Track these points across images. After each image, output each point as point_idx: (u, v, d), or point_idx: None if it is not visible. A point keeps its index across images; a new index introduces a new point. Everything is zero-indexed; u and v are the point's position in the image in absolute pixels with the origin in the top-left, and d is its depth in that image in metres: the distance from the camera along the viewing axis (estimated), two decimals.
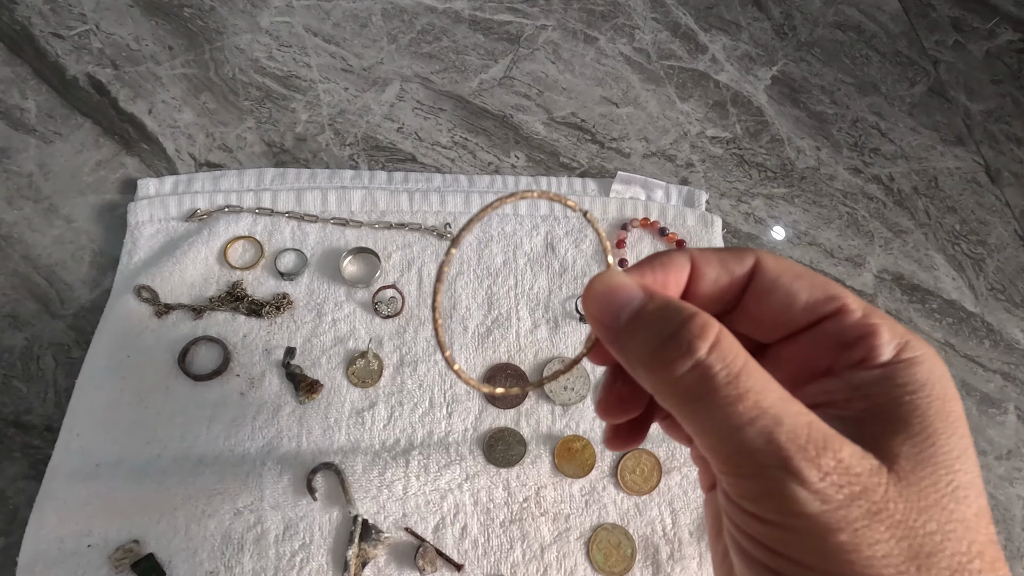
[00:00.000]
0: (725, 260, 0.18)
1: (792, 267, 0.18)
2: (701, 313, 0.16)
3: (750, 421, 0.15)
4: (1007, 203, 0.57)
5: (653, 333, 0.16)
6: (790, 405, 0.15)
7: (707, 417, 0.15)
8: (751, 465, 0.15)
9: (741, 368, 0.15)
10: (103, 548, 0.38)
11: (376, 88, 0.57)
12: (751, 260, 0.18)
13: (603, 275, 0.17)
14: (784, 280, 0.18)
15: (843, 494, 0.14)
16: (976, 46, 0.65)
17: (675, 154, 0.56)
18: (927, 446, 0.15)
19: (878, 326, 0.17)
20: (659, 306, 0.16)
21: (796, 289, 0.18)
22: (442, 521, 0.40)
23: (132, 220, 0.48)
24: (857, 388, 0.16)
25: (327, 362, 0.44)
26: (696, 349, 0.15)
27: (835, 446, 0.15)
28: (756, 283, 0.18)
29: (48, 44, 0.55)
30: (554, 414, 0.44)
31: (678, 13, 0.64)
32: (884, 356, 0.16)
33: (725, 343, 0.15)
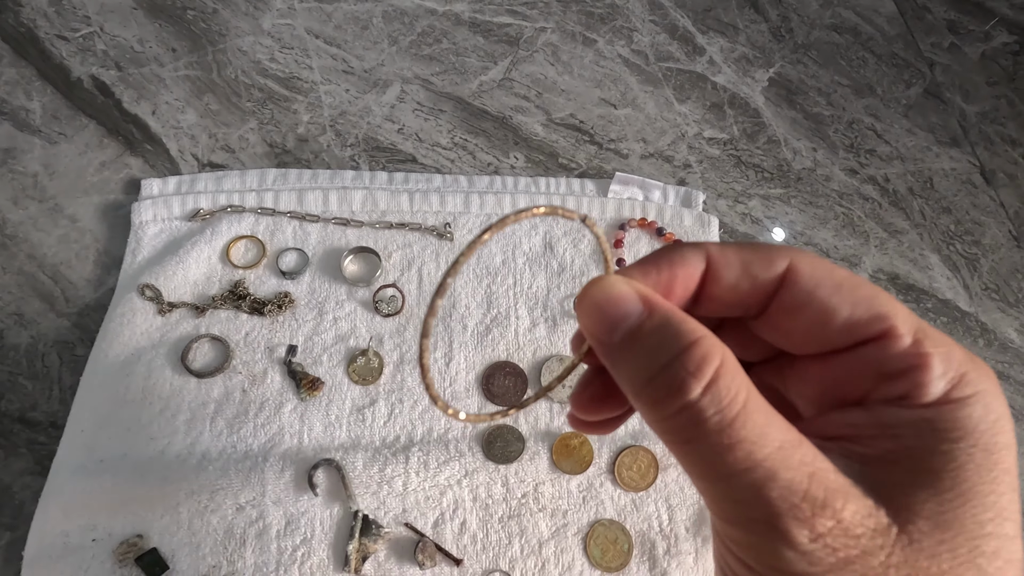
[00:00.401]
0: (749, 263, 0.16)
1: (833, 274, 0.15)
2: (703, 341, 0.14)
3: (740, 473, 0.13)
4: (1001, 204, 0.58)
5: (646, 360, 0.14)
6: (791, 455, 0.13)
7: (696, 461, 0.14)
8: (738, 516, 0.14)
9: (737, 413, 0.13)
10: (107, 542, 0.38)
11: (377, 90, 0.57)
12: (782, 264, 0.15)
13: (600, 282, 0.15)
14: (822, 292, 0.15)
15: (836, 557, 0.13)
16: (972, 48, 0.66)
17: (673, 155, 0.57)
18: (955, 505, 0.13)
19: (929, 357, 0.14)
20: (657, 326, 0.14)
21: (835, 304, 0.15)
22: (441, 517, 0.41)
23: (136, 220, 0.48)
24: (888, 427, 0.14)
25: (328, 360, 0.45)
26: (688, 390, 0.13)
27: (837, 504, 0.13)
28: (787, 292, 0.16)
29: (53, 46, 0.56)
30: (552, 411, 0.44)
31: (676, 15, 0.64)
32: (930, 395, 0.14)
33: (724, 380, 0.13)
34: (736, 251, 0.16)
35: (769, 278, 0.16)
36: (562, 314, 0.48)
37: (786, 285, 0.16)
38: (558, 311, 0.48)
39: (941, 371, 0.14)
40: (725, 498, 0.14)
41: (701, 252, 0.16)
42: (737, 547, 0.14)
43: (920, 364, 0.14)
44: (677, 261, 0.16)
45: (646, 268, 0.16)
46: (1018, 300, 0.54)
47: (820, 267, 0.15)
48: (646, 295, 0.15)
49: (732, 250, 0.16)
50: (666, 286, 0.16)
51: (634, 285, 0.15)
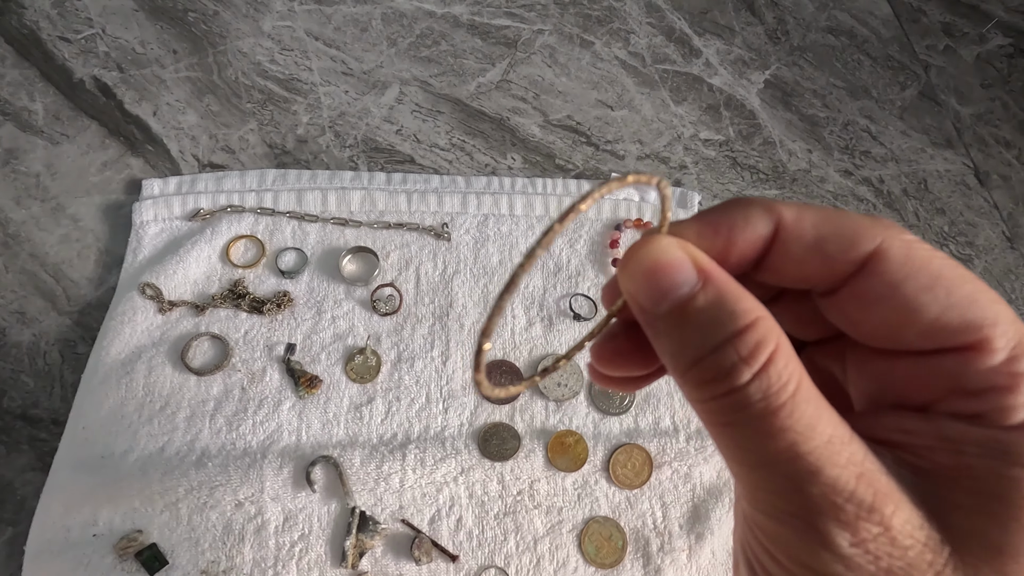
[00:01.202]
0: (825, 240, 0.13)
1: (929, 266, 0.13)
2: (759, 323, 0.13)
3: (782, 463, 0.12)
4: (995, 205, 0.58)
5: (694, 339, 0.13)
6: (840, 452, 0.12)
7: (734, 445, 0.13)
8: (773, 508, 0.13)
9: (785, 401, 0.12)
10: (108, 537, 0.39)
11: (376, 91, 0.58)
12: (868, 247, 0.13)
13: (652, 243, 0.14)
14: (910, 287, 0.13)
15: (877, 566, 0.12)
16: (966, 51, 0.66)
17: (669, 156, 0.58)
18: (1021, 537, 0.12)
19: (1022, 380, 0.12)
20: (711, 302, 0.13)
21: (924, 302, 0.13)
22: (438, 513, 0.41)
23: (137, 219, 0.49)
24: (950, 441, 0.13)
25: (326, 358, 0.45)
26: (739, 375, 0.12)
27: (886, 510, 0.12)
28: (867, 279, 0.13)
29: (55, 47, 0.57)
30: (548, 409, 0.45)
31: (673, 18, 0.65)
32: (1013, 420, 0.12)
33: (776, 366, 0.12)
34: (814, 221, 0.14)
35: (847, 263, 0.13)
36: (558, 314, 0.48)
37: (868, 270, 0.13)
38: (554, 311, 0.48)
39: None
40: (762, 487, 0.13)
41: (771, 215, 0.14)
42: (768, 540, 0.13)
43: (1008, 385, 0.12)
44: (740, 222, 0.14)
45: (703, 228, 0.14)
46: (1011, 301, 0.54)
47: (916, 255, 0.13)
48: (702, 264, 0.13)
49: (809, 218, 0.14)
50: (723, 250, 0.14)
51: (688, 250, 0.13)
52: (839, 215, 0.14)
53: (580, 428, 0.44)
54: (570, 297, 0.49)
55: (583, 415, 0.45)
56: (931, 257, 0.13)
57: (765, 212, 0.14)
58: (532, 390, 0.46)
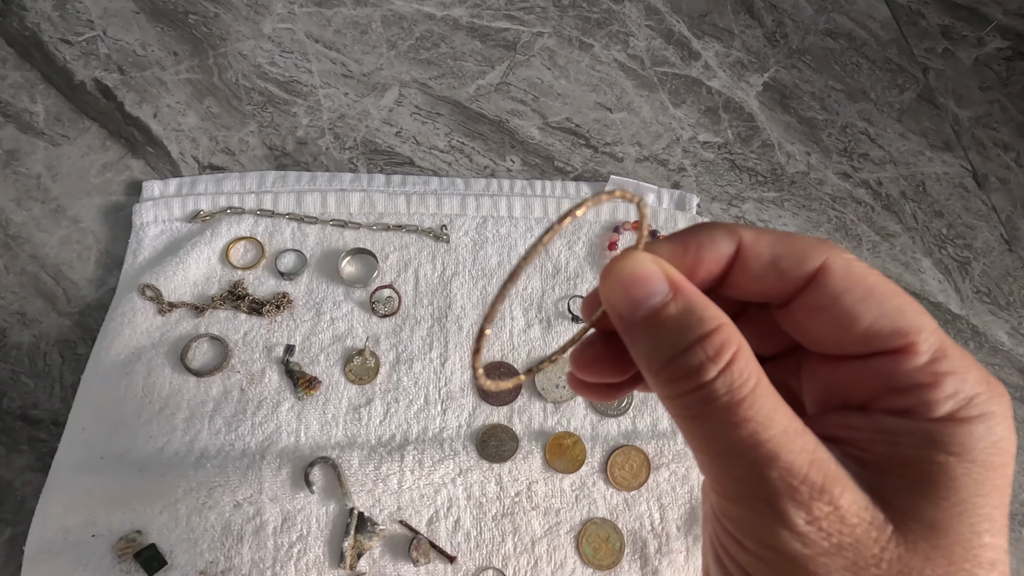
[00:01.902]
0: (779, 258, 0.15)
1: (865, 281, 0.15)
2: (723, 328, 0.14)
3: (744, 450, 0.14)
4: (993, 208, 0.58)
5: (666, 342, 0.14)
6: (794, 440, 0.14)
7: (701, 436, 0.14)
8: (737, 493, 0.14)
9: (747, 395, 0.14)
10: (107, 538, 0.39)
11: (375, 93, 0.58)
12: (815, 263, 0.15)
13: (628, 257, 0.15)
14: (848, 298, 0.15)
15: (829, 542, 0.13)
16: (965, 54, 0.66)
17: (667, 158, 0.58)
18: (951, 514, 0.13)
19: (942, 377, 0.14)
20: (680, 310, 0.15)
21: (859, 311, 0.15)
22: (436, 514, 0.41)
23: (137, 221, 0.49)
24: (887, 433, 0.14)
25: (325, 359, 0.45)
26: (704, 372, 0.14)
27: (835, 491, 0.13)
28: (813, 291, 0.15)
29: (57, 50, 0.57)
30: (546, 411, 0.45)
31: (672, 21, 0.65)
32: (935, 414, 0.14)
33: (739, 364, 0.14)
34: (769, 242, 0.16)
35: (797, 276, 0.15)
36: (556, 315, 0.48)
37: (814, 284, 0.15)
38: (552, 312, 0.48)
39: (951, 391, 0.14)
40: (727, 474, 0.14)
41: (733, 237, 0.16)
42: (733, 525, 0.15)
43: (930, 383, 0.14)
44: (706, 243, 0.16)
45: (675, 246, 0.16)
46: (1009, 303, 0.54)
47: (854, 271, 0.15)
48: (672, 276, 0.15)
49: (766, 240, 0.16)
50: (691, 267, 0.16)
51: (661, 264, 0.15)
52: (791, 237, 0.16)
53: (578, 430, 0.44)
54: (568, 299, 0.49)
55: (581, 417, 0.45)
56: (867, 273, 0.15)
57: (727, 234, 0.16)
58: (530, 392, 0.46)
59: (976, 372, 0.14)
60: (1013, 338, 0.53)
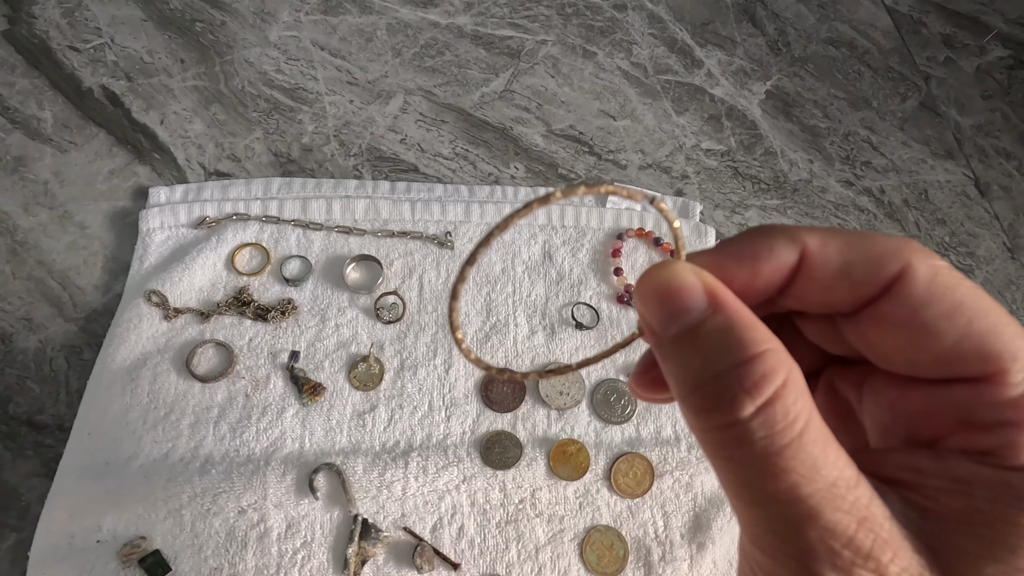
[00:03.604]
0: (851, 265, 0.13)
1: (953, 293, 0.13)
2: (768, 355, 0.12)
3: (780, 504, 0.12)
4: (996, 216, 0.59)
5: (699, 364, 0.13)
6: (844, 496, 0.12)
7: (732, 479, 0.13)
8: (771, 547, 0.12)
9: (790, 441, 0.12)
10: (112, 544, 0.39)
11: (380, 100, 0.59)
12: (893, 270, 0.13)
13: (666, 266, 0.14)
14: (931, 311, 0.13)
15: None
16: (967, 62, 0.67)
17: (671, 166, 0.58)
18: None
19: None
20: (719, 328, 0.13)
21: (943, 328, 0.13)
22: (440, 521, 0.41)
23: (143, 227, 0.49)
24: (958, 481, 0.12)
25: (330, 366, 0.46)
26: (740, 407, 0.12)
27: (884, 557, 0.12)
28: (888, 302, 0.13)
29: (65, 57, 0.57)
30: (550, 418, 0.45)
31: (675, 29, 0.65)
32: (1022, 459, 0.12)
33: (783, 403, 0.12)
34: (839, 247, 0.13)
35: (872, 286, 0.13)
36: (560, 322, 0.48)
37: (891, 292, 0.13)
38: (556, 319, 0.49)
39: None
40: (760, 525, 0.13)
41: (795, 244, 0.14)
42: (763, 573, 0.13)
43: (1020, 422, 0.12)
44: (764, 253, 0.14)
45: (723, 258, 0.14)
46: (1013, 312, 0.54)
47: (941, 280, 0.13)
48: (714, 290, 0.13)
49: (835, 245, 0.13)
50: (746, 281, 0.14)
51: (703, 276, 0.13)
52: (865, 239, 0.13)
53: (582, 437, 0.45)
54: (572, 306, 0.49)
55: (585, 424, 0.45)
56: (957, 284, 0.13)
57: (789, 241, 0.14)
58: (534, 399, 0.46)
59: None
60: None
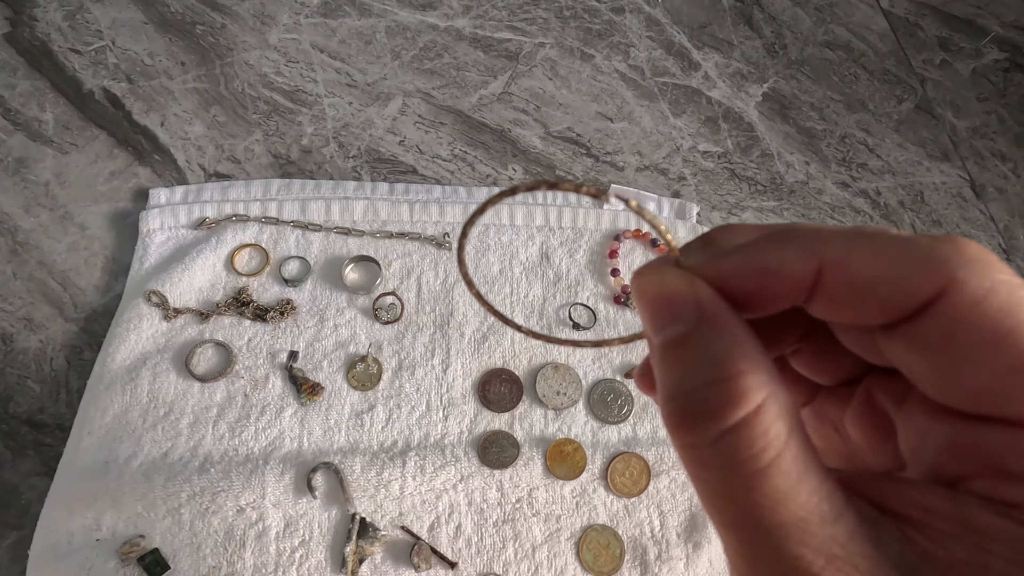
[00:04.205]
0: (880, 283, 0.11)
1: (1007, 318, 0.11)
2: (744, 377, 0.11)
3: (743, 531, 0.12)
4: (991, 217, 0.59)
5: (681, 375, 0.12)
6: (814, 533, 0.11)
7: (702, 496, 0.12)
8: (736, 567, 0.12)
9: (755, 472, 0.11)
10: (111, 542, 0.39)
11: (379, 103, 0.59)
12: (930, 289, 0.11)
13: (658, 271, 0.13)
14: (972, 337, 0.11)
15: None
16: (962, 65, 0.67)
17: (668, 168, 0.58)
18: None
19: None
20: (699, 344, 0.12)
21: (983, 357, 0.11)
22: (437, 520, 0.42)
23: (143, 228, 0.50)
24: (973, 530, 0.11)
25: (328, 366, 0.46)
26: (703, 430, 0.12)
27: None
28: (924, 323, 0.11)
29: (66, 59, 0.58)
30: (547, 418, 0.45)
31: (672, 32, 0.66)
32: None
33: (753, 429, 0.11)
34: (867, 260, 0.11)
35: (907, 305, 0.11)
36: (558, 323, 0.49)
37: (929, 311, 0.11)
38: (554, 320, 0.49)
39: None
40: (727, 543, 0.12)
41: (811, 258, 0.12)
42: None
43: None
44: (771, 270, 0.12)
45: (729, 268, 0.13)
46: None
47: (996, 300, 0.11)
48: (703, 302, 0.12)
49: (860, 258, 0.11)
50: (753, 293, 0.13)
51: (695, 286, 0.13)
52: (902, 246, 0.11)
53: (579, 436, 0.45)
54: (569, 307, 0.49)
55: (582, 423, 0.45)
56: (1016, 307, 0.11)
57: (804, 254, 0.12)
58: (531, 398, 0.46)
59: None
60: None
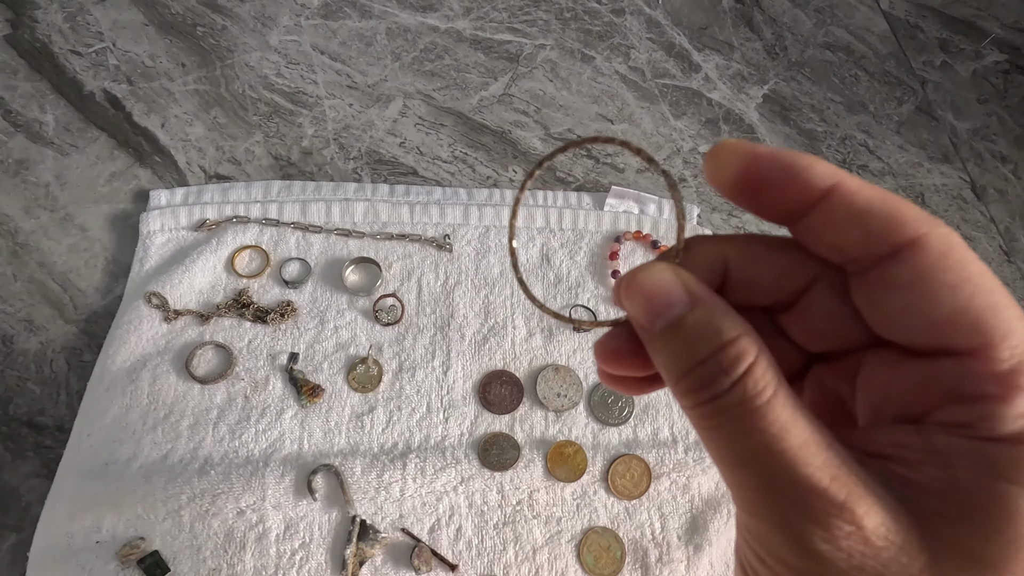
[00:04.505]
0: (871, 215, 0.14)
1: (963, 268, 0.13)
2: (740, 339, 0.14)
3: (757, 461, 0.13)
4: (992, 219, 0.59)
5: (684, 353, 0.14)
6: (815, 454, 0.13)
7: (717, 446, 0.14)
8: (754, 505, 0.14)
9: (760, 405, 0.13)
10: (111, 544, 0.39)
11: (380, 104, 0.59)
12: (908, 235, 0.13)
13: (648, 268, 0.15)
14: (935, 282, 0.13)
15: (848, 563, 0.12)
16: (963, 66, 0.67)
17: (668, 169, 0.58)
18: (1007, 551, 0.12)
19: (1016, 392, 0.13)
20: (698, 321, 0.14)
21: (943, 298, 0.13)
22: (437, 522, 0.42)
23: (144, 229, 0.50)
24: (938, 453, 0.13)
25: (329, 367, 0.46)
26: (720, 383, 0.14)
27: (859, 509, 0.12)
28: (898, 267, 0.13)
29: (67, 61, 0.58)
30: (547, 420, 0.45)
31: (673, 33, 0.66)
32: (999, 431, 0.13)
33: (754, 375, 0.14)
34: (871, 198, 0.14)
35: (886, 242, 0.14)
36: (558, 324, 0.49)
37: (902, 257, 0.13)
38: (554, 321, 0.49)
39: (1022, 409, 0.12)
40: (743, 485, 0.14)
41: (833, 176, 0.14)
42: (752, 539, 0.14)
43: (1001, 395, 0.13)
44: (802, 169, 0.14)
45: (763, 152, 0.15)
46: None
47: (955, 254, 0.13)
48: (692, 288, 0.15)
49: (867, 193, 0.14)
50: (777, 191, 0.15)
51: (680, 275, 0.15)
52: (895, 199, 0.14)
53: (579, 438, 0.45)
54: (570, 308, 0.49)
55: (582, 425, 0.45)
56: (969, 261, 0.13)
57: (828, 168, 0.14)
58: (532, 400, 0.46)
59: None
60: None
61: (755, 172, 0.15)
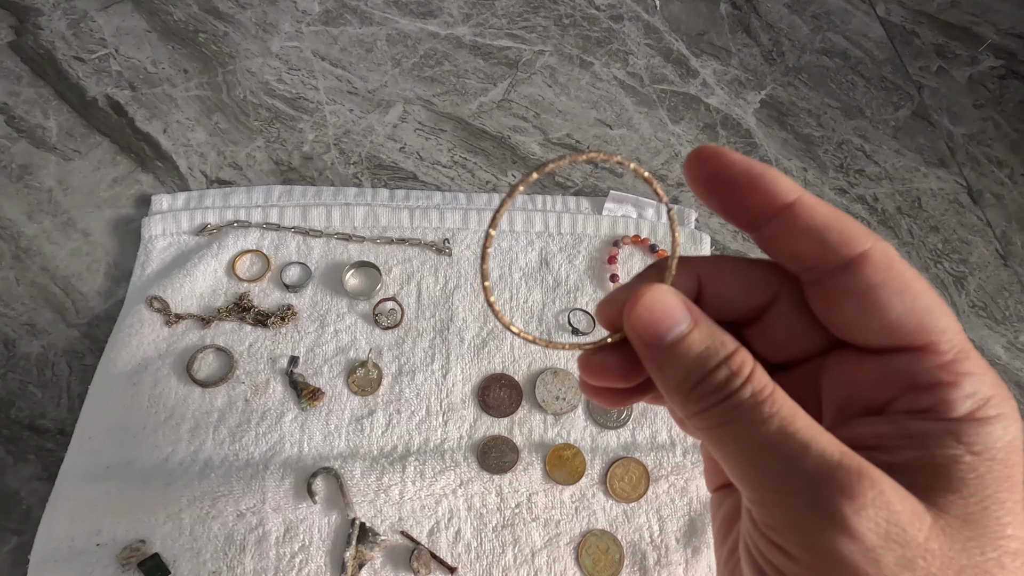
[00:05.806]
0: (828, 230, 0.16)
1: (902, 276, 0.15)
2: (740, 351, 0.16)
3: (775, 445, 0.14)
4: (988, 223, 0.59)
5: (693, 365, 0.16)
6: (822, 433, 0.14)
7: (732, 442, 0.15)
8: (776, 493, 0.14)
9: (768, 396, 0.15)
10: (111, 547, 0.39)
11: (380, 110, 0.59)
12: (858, 249, 0.15)
13: (651, 291, 0.17)
14: (882, 291, 0.15)
15: (876, 533, 0.13)
16: (959, 72, 0.68)
17: (666, 174, 0.59)
18: (979, 508, 0.14)
19: (962, 378, 0.15)
20: (704, 336, 0.16)
21: (892, 304, 0.15)
22: (436, 525, 0.42)
23: (146, 234, 0.50)
24: (911, 436, 0.15)
25: (329, 371, 0.46)
26: (731, 383, 0.15)
27: (874, 474, 0.14)
28: (849, 276, 0.16)
29: (70, 67, 0.58)
30: (546, 423, 0.46)
31: (670, 39, 0.66)
32: (956, 412, 0.15)
33: (757, 375, 0.15)
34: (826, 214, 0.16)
35: (839, 255, 0.16)
36: (557, 328, 0.49)
37: (852, 268, 0.15)
38: (553, 325, 0.49)
39: (970, 391, 0.15)
40: (763, 474, 0.15)
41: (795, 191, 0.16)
42: (775, 533, 0.15)
43: (951, 382, 0.15)
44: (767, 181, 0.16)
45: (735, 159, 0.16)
46: (1005, 317, 0.55)
47: (895, 265, 0.15)
48: (691, 308, 0.17)
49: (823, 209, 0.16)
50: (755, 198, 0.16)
51: (682, 297, 0.17)
52: (845, 217, 0.16)
53: (578, 441, 0.45)
54: (568, 312, 0.50)
55: (581, 428, 0.45)
56: (905, 269, 0.16)
57: (792, 184, 0.16)
58: (531, 403, 0.46)
59: (992, 375, 0.15)
60: (1009, 352, 0.53)
61: (727, 176, 0.16)
